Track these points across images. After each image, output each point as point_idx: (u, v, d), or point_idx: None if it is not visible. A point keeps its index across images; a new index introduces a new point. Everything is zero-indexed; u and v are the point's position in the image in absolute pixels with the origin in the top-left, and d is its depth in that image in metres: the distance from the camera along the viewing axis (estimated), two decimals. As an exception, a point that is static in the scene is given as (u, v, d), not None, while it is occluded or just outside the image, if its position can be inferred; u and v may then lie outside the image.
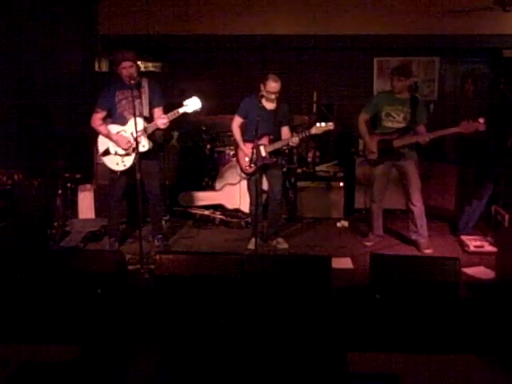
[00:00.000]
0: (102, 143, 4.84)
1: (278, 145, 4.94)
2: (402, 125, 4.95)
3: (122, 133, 4.75)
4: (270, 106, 4.90)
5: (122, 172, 4.82)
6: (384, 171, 5.09)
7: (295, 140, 4.83)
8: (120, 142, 4.73)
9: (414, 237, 5.08)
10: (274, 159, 4.94)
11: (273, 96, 4.81)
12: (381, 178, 5.11)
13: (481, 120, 4.56)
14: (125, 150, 4.74)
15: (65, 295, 3.44)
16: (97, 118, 4.77)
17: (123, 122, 4.75)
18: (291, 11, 6.73)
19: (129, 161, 4.76)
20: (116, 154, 4.78)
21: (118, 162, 4.79)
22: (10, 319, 3.37)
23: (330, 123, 4.82)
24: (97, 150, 4.97)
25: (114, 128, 4.77)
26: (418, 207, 4.95)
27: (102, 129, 4.78)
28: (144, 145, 4.63)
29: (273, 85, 4.76)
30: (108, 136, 4.76)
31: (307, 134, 4.86)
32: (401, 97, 4.96)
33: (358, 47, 7.03)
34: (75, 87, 6.25)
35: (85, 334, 3.23)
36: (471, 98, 6.88)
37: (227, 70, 7.29)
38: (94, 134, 4.91)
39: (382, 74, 7.34)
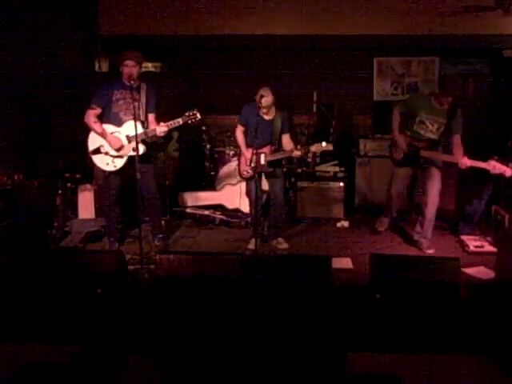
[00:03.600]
0: (93, 141, 4.79)
1: (277, 156, 4.98)
2: (435, 136, 4.84)
3: (116, 134, 4.74)
4: (267, 116, 4.93)
5: (111, 172, 4.81)
6: (406, 173, 5.10)
7: (297, 154, 4.90)
8: (112, 143, 4.71)
9: (416, 237, 5.08)
10: (271, 169, 4.96)
11: (265, 110, 4.83)
12: (401, 180, 5.15)
13: (511, 165, 4.48)
14: (116, 150, 4.73)
15: (65, 295, 3.44)
16: (91, 115, 4.72)
17: (118, 123, 4.74)
18: (291, 11, 6.72)
19: (119, 163, 4.76)
20: (107, 154, 4.75)
21: (109, 163, 4.77)
22: (10, 319, 3.37)
23: (330, 144, 4.89)
24: (86, 146, 4.86)
25: (108, 128, 4.75)
26: (431, 211, 4.93)
27: (96, 127, 4.72)
28: (139, 148, 4.63)
29: (263, 100, 4.75)
30: (102, 135, 4.72)
31: (307, 151, 4.98)
32: (441, 107, 4.79)
33: (358, 47, 7.02)
34: (75, 87, 6.24)
35: (85, 334, 3.23)
36: (471, 97, 6.88)
37: (227, 70, 7.29)
38: (87, 131, 4.84)
39: (381, 74, 7.34)
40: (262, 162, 4.90)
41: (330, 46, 7.00)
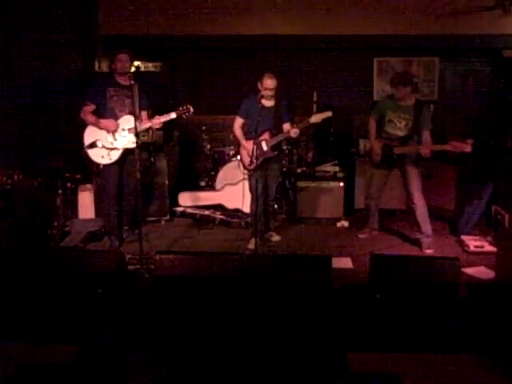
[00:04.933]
0: (89, 136, 4.87)
1: (279, 138, 5.02)
2: (404, 132, 4.98)
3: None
4: (268, 103, 4.98)
5: (108, 166, 4.86)
6: (382, 174, 5.21)
7: (296, 131, 4.92)
8: (108, 125, 4.78)
9: (417, 235, 5.10)
10: (276, 152, 5.03)
11: (270, 93, 4.90)
12: (379, 177, 5.22)
13: (468, 141, 4.59)
14: (112, 133, 4.79)
15: (65, 295, 3.44)
16: (87, 111, 4.83)
17: (114, 118, 4.82)
18: (291, 11, 6.73)
19: (115, 155, 4.83)
20: (103, 147, 4.82)
21: (104, 156, 4.83)
22: (10, 319, 3.37)
23: (329, 112, 4.92)
24: (82, 142, 4.93)
25: None
26: (419, 206, 4.97)
27: (89, 117, 4.82)
28: (133, 141, 4.69)
29: (268, 81, 4.86)
30: (96, 123, 4.80)
31: (306, 124, 5.00)
32: (405, 104, 4.95)
33: (358, 47, 7.03)
34: (75, 87, 6.24)
35: (84, 333, 3.22)
36: (471, 98, 6.90)
37: (227, 70, 7.30)
38: (83, 128, 4.91)
39: (381, 74, 7.34)
40: (265, 148, 4.96)
41: (330, 46, 7.02)
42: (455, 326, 3.23)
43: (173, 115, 4.72)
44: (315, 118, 4.92)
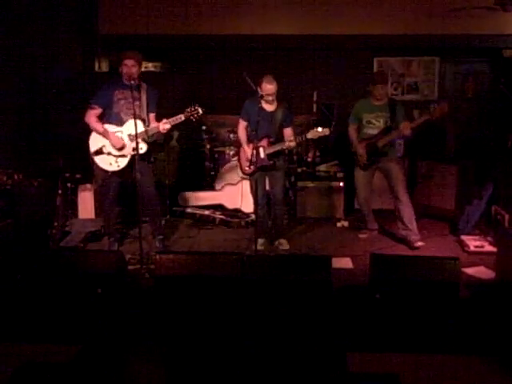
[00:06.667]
0: (94, 142, 4.76)
1: (276, 147, 4.94)
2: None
3: (118, 133, 4.72)
4: (269, 107, 4.91)
5: (114, 172, 4.78)
6: (367, 174, 5.27)
7: (292, 144, 4.92)
8: (114, 142, 4.69)
9: (404, 233, 5.09)
10: (271, 162, 4.94)
11: (270, 97, 4.82)
12: (364, 179, 5.29)
13: (443, 102, 4.87)
14: (118, 150, 4.71)
15: (65, 295, 3.44)
16: (92, 114, 4.72)
17: (120, 123, 4.72)
18: (291, 11, 6.72)
19: (123, 162, 4.73)
20: (110, 154, 4.73)
21: (112, 163, 4.75)
22: (10, 319, 3.37)
23: (326, 129, 4.89)
24: (87, 148, 4.83)
25: (109, 128, 4.73)
26: (404, 202, 5.02)
27: (98, 126, 4.70)
28: (142, 147, 4.59)
29: (268, 87, 4.78)
30: (104, 134, 4.71)
31: (303, 139, 4.96)
32: (379, 103, 5.10)
33: (358, 47, 7.02)
34: (75, 87, 6.24)
35: (85, 333, 3.23)
36: (471, 98, 6.87)
37: (227, 70, 7.29)
38: (88, 131, 4.81)
39: (381, 74, 7.33)
40: (262, 155, 4.89)
41: (331, 46, 7.00)
42: (455, 326, 3.23)
43: (181, 117, 4.59)
44: (312, 134, 4.86)
